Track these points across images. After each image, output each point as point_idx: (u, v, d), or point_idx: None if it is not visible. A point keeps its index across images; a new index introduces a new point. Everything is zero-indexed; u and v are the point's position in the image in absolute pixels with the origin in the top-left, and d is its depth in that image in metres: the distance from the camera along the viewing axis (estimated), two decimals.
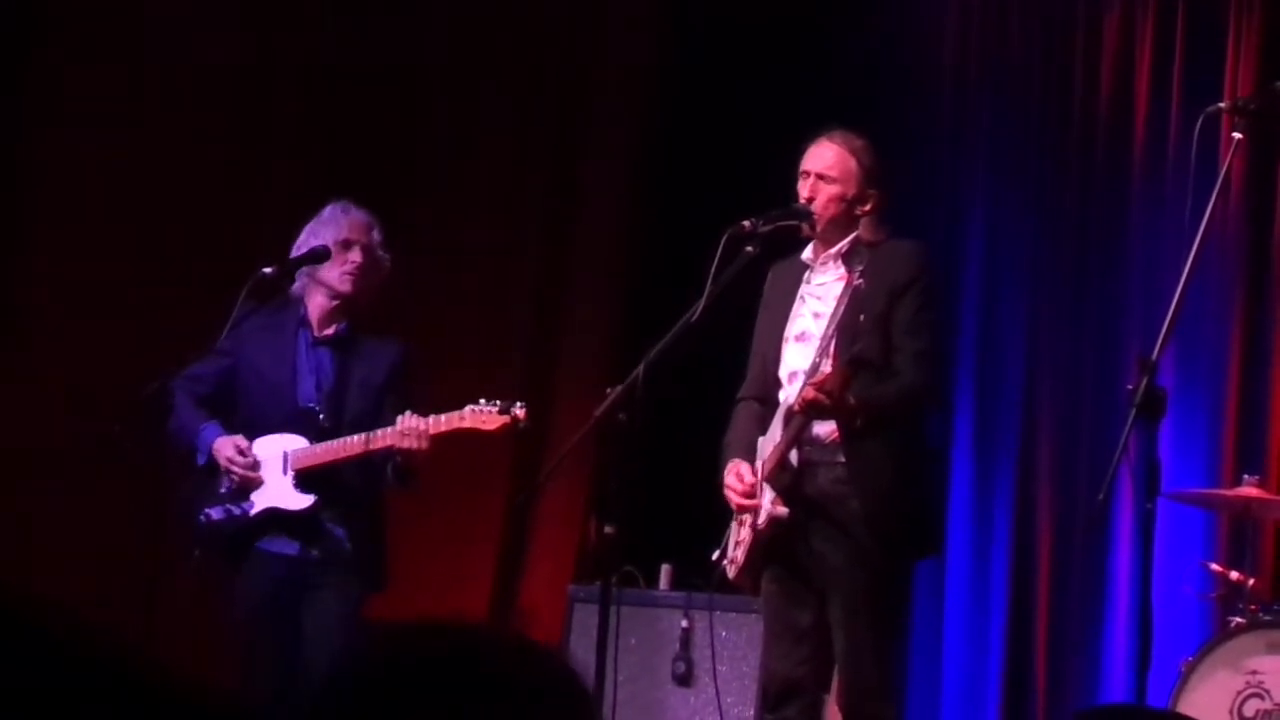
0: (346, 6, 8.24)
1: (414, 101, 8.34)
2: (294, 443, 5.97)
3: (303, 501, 5.94)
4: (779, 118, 6.94)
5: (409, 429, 5.80)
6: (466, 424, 5.83)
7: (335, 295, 6.07)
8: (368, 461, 5.95)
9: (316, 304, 6.11)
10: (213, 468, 5.98)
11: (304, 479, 5.94)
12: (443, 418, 5.83)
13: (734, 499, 5.55)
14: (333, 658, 5.72)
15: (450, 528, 7.96)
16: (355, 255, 6.06)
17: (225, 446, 5.95)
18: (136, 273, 7.63)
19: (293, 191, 7.40)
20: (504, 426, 5.83)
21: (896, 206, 5.79)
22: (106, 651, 1.57)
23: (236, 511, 5.95)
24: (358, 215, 6.13)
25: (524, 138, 8.44)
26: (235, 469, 5.93)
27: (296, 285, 6.12)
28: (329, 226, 6.08)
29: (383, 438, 5.86)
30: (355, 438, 5.90)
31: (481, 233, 8.31)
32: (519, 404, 5.84)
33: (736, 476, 5.54)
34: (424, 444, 5.81)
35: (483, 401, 5.82)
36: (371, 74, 8.19)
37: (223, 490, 5.97)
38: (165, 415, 6.02)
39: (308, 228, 6.13)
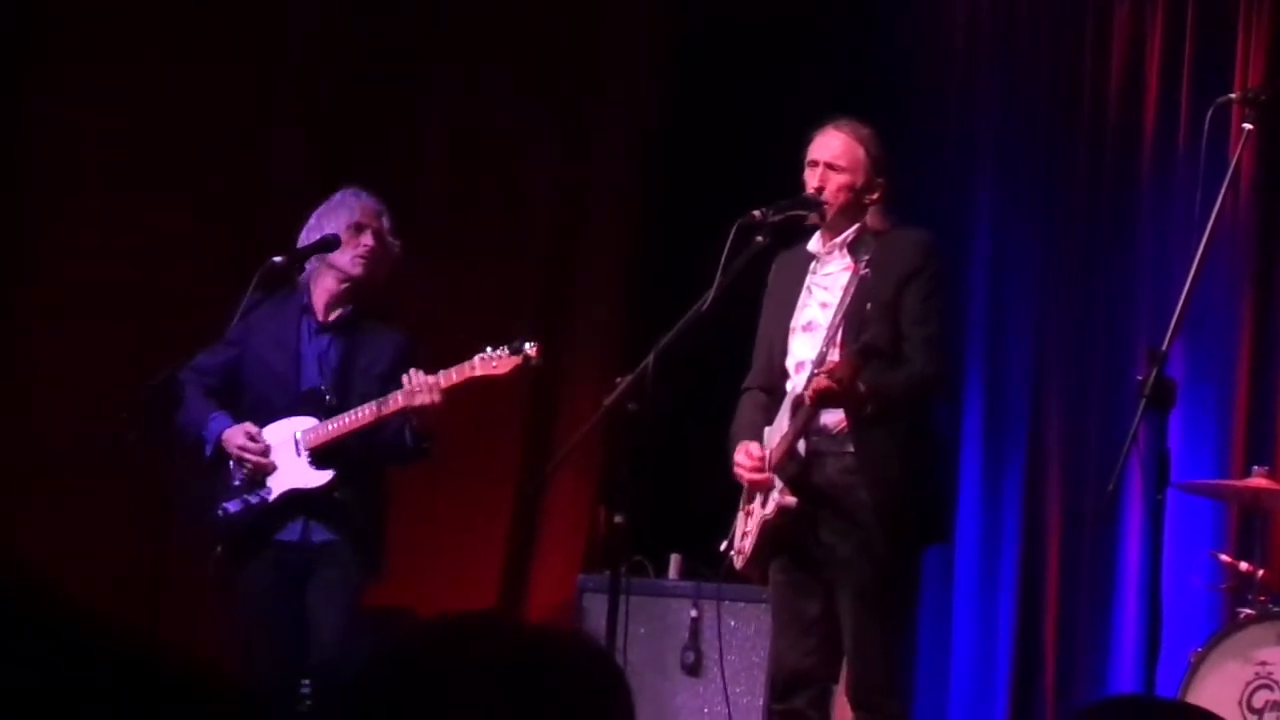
0: (347, 6, 8.23)
1: (414, 101, 8.33)
2: (303, 423, 5.93)
3: (322, 477, 5.89)
4: (779, 118, 6.93)
5: (419, 385, 5.76)
6: (478, 373, 5.79)
7: (346, 279, 6.04)
8: (374, 441, 5.91)
9: (324, 288, 6.07)
10: (220, 460, 5.94)
11: (319, 456, 5.90)
12: (453, 370, 5.80)
13: (744, 475, 5.50)
14: (335, 642, 5.72)
15: (460, 518, 7.96)
16: (368, 239, 6.04)
17: (235, 435, 5.92)
18: (136, 273, 7.60)
19: (293, 191, 7.38)
20: (516, 368, 5.79)
21: (904, 198, 5.78)
22: (118, 641, 1.54)
23: (254, 501, 5.90)
24: (369, 201, 6.13)
25: (525, 137, 8.43)
26: (248, 457, 5.89)
27: (304, 273, 6.09)
28: (340, 211, 6.07)
29: (394, 401, 5.82)
30: (366, 407, 5.86)
31: (482, 232, 8.29)
32: (530, 343, 5.80)
33: (746, 454, 5.50)
34: (436, 398, 5.76)
35: (489, 348, 5.78)
36: (371, 74, 8.19)
37: (236, 483, 5.93)
38: (173, 408, 5.99)
39: (317, 213, 6.11)
